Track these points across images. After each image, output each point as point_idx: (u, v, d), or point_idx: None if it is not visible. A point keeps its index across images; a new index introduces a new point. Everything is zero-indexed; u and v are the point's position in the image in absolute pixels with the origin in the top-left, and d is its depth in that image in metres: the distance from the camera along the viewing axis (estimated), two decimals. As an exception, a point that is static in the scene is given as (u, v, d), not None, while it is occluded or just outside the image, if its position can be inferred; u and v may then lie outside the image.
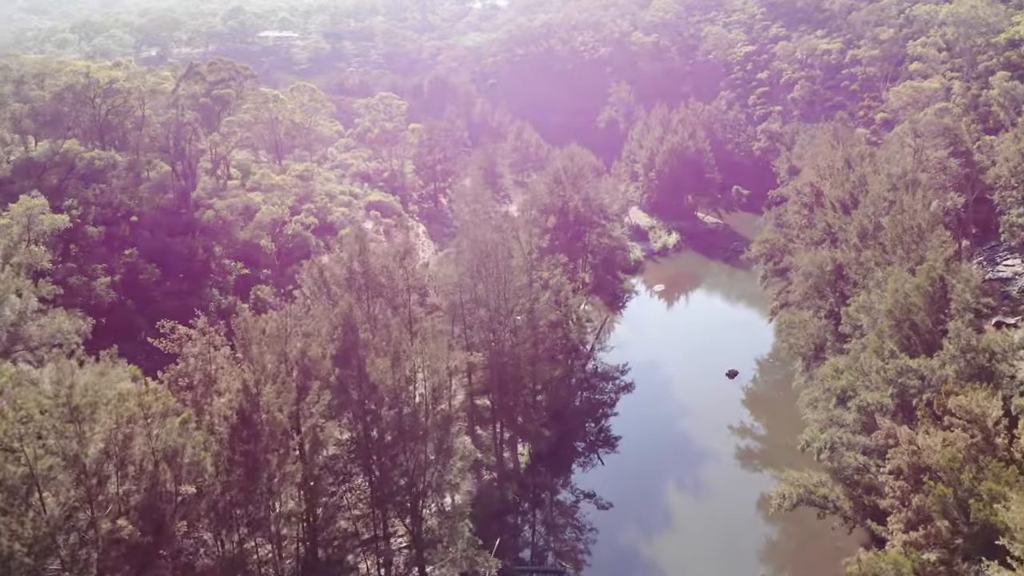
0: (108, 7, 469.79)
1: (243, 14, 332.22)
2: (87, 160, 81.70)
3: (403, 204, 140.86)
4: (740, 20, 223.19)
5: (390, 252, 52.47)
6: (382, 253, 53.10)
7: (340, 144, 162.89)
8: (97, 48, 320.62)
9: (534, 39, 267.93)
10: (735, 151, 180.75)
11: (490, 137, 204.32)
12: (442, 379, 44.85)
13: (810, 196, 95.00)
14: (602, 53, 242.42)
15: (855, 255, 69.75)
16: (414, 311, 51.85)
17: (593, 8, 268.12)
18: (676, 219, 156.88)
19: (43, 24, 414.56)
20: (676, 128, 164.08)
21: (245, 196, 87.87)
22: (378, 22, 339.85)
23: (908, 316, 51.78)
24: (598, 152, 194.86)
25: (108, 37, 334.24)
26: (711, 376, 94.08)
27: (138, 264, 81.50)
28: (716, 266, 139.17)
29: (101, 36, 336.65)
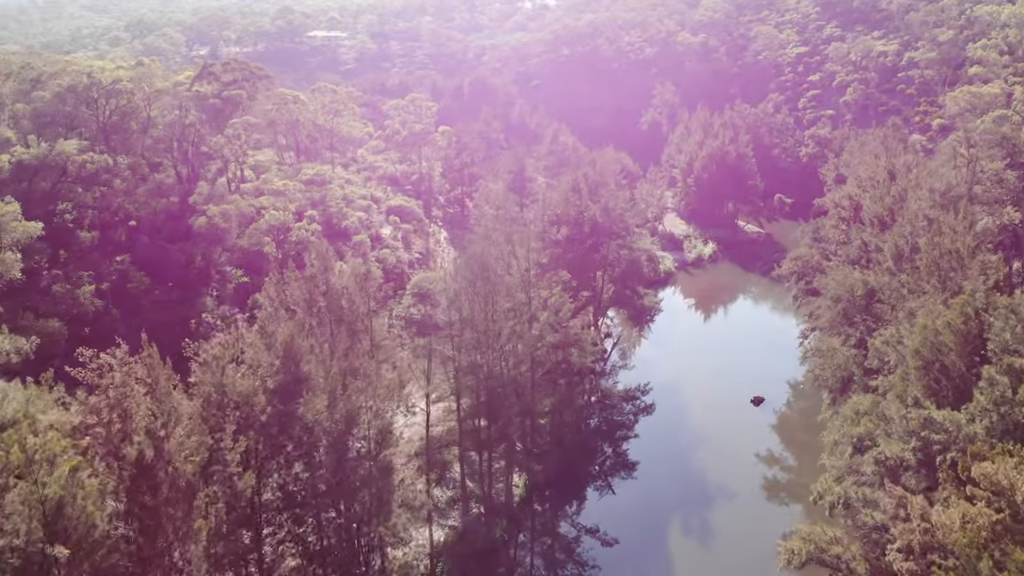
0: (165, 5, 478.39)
1: (292, 13, 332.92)
2: (79, 163, 79.03)
3: (426, 209, 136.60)
4: (793, 20, 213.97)
5: (352, 273, 47.69)
6: (349, 272, 48.30)
7: (370, 146, 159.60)
8: (148, 46, 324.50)
9: (580, 39, 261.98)
10: (782, 156, 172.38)
11: (527, 139, 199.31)
12: (386, 423, 39.93)
13: (848, 210, 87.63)
14: (647, 53, 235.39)
15: (889, 279, 62.75)
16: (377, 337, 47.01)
17: (640, 7, 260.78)
18: (715, 227, 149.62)
19: (101, 22, 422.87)
20: (717, 132, 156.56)
21: (242, 201, 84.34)
22: (425, 22, 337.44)
23: (938, 357, 45.11)
24: (639, 156, 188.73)
25: (160, 36, 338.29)
26: (737, 401, 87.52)
27: (129, 271, 78.44)
28: (753, 279, 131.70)
29: (153, 35, 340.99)
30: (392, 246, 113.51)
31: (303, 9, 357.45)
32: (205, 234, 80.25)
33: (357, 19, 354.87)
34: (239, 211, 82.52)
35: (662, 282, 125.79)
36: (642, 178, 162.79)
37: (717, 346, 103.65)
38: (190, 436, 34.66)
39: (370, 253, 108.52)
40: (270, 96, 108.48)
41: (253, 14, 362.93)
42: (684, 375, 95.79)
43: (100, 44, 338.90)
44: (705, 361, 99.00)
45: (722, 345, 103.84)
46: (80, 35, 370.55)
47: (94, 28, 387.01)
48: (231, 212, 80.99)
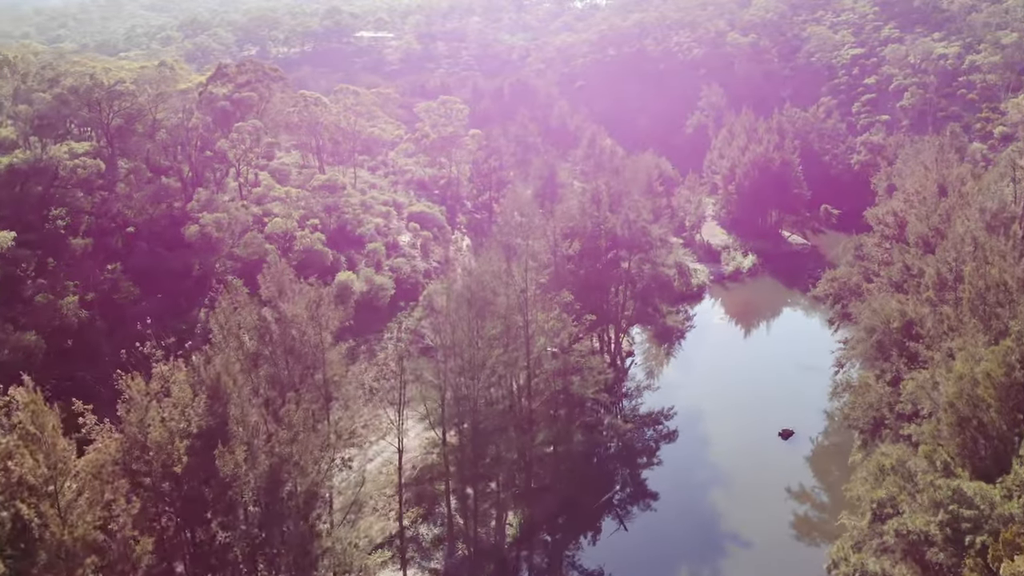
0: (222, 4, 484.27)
1: (339, 14, 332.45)
2: (70, 168, 76.18)
3: (451, 215, 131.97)
4: (849, 20, 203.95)
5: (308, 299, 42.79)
6: (311, 297, 43.28)
7: (401, 149, 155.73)
8: (198, 46, 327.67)
9: (626, 39, 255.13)
10: (832, 164, 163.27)
11: (566, 142, 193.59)
12: (314, 479, 34.95)
13: (893, 227, 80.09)
14: (696, 54, 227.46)
15: (929, 311, 55.65)
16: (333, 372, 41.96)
17: (690, 7, 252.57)
18: (756, 238, 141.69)
19: (156, 21, 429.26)
20: (761, 137, 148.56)
21: (238, 210, 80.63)
22: (472, 23, 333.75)
23: (975, 413, 38.46)
24: (683, 160, 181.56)
25: (211, 36, 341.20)
26: (766, 431, 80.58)
27: (119, 281, 75.25)
28: (794, 295, 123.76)
29: (204, 34, 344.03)
30: (409, 254, 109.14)
31: (351, 10, 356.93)
32: (196, 244, 76.56)
33: (405, 20, 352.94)
34: (231, 219, 78.66)
35: (694, 297, 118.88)
36: (681, 184, 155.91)
37: (749, 368, 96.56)
38: (81, 494, 30.32)
39: (385, 261, 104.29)
40: (285, 98, 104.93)
41: (303, 15, 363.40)
42: (712, 399, 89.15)
43: (152, 43, 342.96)
44: (735, 385, 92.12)
45: (755, 367, 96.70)
46: (135, 34, 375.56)
47: (148, 27, 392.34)
48: (224, 221, 77.21)
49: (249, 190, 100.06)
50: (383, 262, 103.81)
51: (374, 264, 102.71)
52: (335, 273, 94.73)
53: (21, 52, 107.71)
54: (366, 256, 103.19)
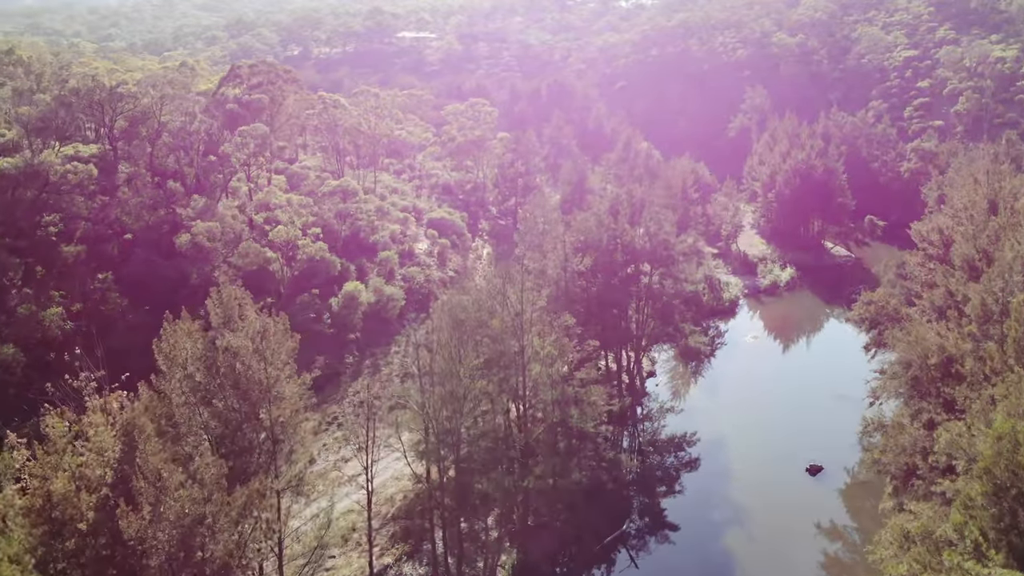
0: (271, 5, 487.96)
1: (381, 14, 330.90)
2: (60, 173, 73.48)
3: (474, 221, 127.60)
4: (903, 21, 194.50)
5: (252, 329, 38.39)
6: (255, 328, 38.74)
7: (429, 152, 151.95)
8: (242, 46, 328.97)
9: (670, 39, 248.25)
10: (881, 171, 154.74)
11: (602, 145, 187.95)
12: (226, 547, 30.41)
13: (938, 245, 73.24)
14: (740, 55, 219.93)
15: (971, 347, 49.33)
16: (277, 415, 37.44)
17: (736, 6, 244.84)
18: (796, 249, 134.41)
19: (205, 21, 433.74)
20: (804, 143, 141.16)
21: (233, 218, 77.19)
22: (513, 23, 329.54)
23: (1015, 483, 32.62)
24: (724, 165, 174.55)
25: (255, 36, 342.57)
26: (792, 467, 74.31)
27: (110, 290, 72.25)
28: (834, 312, 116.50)
29: (248, 34, 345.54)
30: (424, 263, 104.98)
31: (393, 10, 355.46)
32: (188, 253, 73.21)
33: (447, 20, 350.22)
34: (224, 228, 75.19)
35: (726, 312, 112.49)
36: (718, 191, 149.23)
37: (779, 393, 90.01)
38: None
39: (398, 270, 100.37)
40: (300, 100, 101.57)
41: (346, 15, 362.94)
42: (737, 426, 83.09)
43: (198, 43, 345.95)
44: (763, 410, 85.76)
45: (786, 392, 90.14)
46: (182, 33, 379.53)
47: (196, 27, 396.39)
48: (216, 230, 73.74)
49: (250, 197, 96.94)
50: (396, 271, 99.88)
51: (386, 273, 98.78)
52: (344, 282, 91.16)
53: (36, 52, 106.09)
54: (378, 265, 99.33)
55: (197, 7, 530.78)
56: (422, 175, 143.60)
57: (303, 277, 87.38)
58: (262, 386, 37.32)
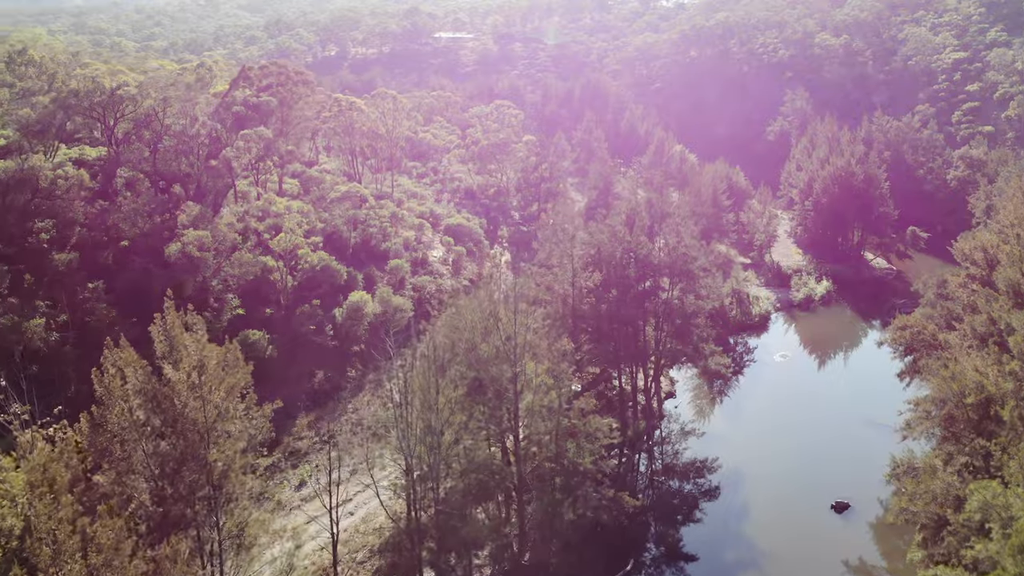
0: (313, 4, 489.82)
1: (418, 15, 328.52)
2: (50, 178, 70.99)
3: (494, 227, 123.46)
4: (952, 22, 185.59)
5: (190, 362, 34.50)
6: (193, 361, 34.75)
7: (453, 155, 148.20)
8: (280, 46, 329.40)
9: (709, 40, 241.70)
10: (926, 178, 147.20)
11: (635, 148, 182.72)
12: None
13: (982, 265, 67.16)
14: (781, 56, 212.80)
15: (1013, 387, 43.75)
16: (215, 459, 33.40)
17: (779, 6, 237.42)
18: (834, 260, 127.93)
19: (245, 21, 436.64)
20: (844, 149, 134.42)
21: (225, 226, 73.96)
22: (549, 24, 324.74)
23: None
24: (762, 169, 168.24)
25: (293, 36, 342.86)
26: (817, 502, 68.83)
27: (96, 301, 69.46)
28: (872, 330, 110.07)
29: (286, 34, 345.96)
30: (437, 272, 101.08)
31: (430, 10, 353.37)
32: (179, 263, 70.14)
33: (484, 20, 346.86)
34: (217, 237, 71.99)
35: (756, 328, 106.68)
36: (752, 197, 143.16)
37: (808, 417, 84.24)
38: None
39: (409, 279, 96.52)
40: (312, 103, 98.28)
41: (384, 15, 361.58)
42: (761, 453, 77.71)
43: (237, 43, 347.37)
44: (789, 436, 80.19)
45: (814, 416, 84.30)
46: (223, 34, 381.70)
47: (236, 27, 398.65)
48: (206, 240, 70.56)
49: (249, 204, 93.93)
50: (407, 280, 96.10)
51: (396, 282, 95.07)
52: (350, 292, 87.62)
53: (51, 51, 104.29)
54: (389, 273, 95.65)
55: (241, 7, 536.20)
56: (445, 179, 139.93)
57: (306, 286, 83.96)
58: (198, 426, 33.62)
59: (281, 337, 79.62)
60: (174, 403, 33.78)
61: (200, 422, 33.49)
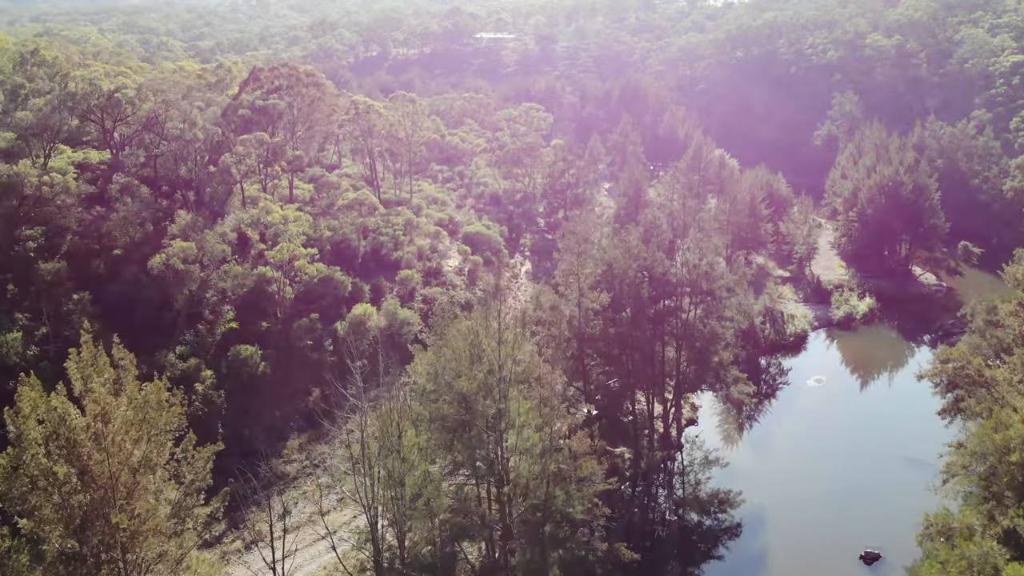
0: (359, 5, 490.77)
1: (460, 15, 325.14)
2: (35, 185, 68.14)
3: (516, 234, 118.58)
4: (1011, 23, 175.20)
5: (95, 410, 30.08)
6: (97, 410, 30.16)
7: (482, 159, 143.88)
8: (321, 46, 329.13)
9: (756, 40, 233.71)
10: (981, 189, 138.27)
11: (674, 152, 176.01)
12: None
13: (1036, 291, 60.25)
14: (831, 57, 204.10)
15: (1066, 444, 37.51)
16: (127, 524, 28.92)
17: (829, 5, 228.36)
18: (880, 275, 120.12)
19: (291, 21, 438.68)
20: (892, 157, 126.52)
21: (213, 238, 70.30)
22: (593, 24, 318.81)
23: None
24: (808, 176, 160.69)
25: (335, 36, 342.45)
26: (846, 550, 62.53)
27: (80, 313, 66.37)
28: (918, 352, 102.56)
29: (328, 35, 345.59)
30: (451, 283, 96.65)
31: (472, 10, 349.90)
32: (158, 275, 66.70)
33: (527, 20, 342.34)
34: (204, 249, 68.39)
35: (791, 348, 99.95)
36: (794, 206, 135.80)
37: (840, 451, 77.50)
38: None
39: (420, 291, 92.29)
40: (323, 105, 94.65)
41: (427, 15, 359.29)
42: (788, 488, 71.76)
43: (280, 43, 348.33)
44: (819, 472, 73.68)
45: (848, 450, 77.53)
46: (268, 34, 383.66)
47: (281, 27, 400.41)
48: (190, 252, 66.97)
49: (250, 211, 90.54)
50: (418, 291, 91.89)
51: (406, 294, 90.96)
52: (355, 304, 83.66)
53: (65, 52, 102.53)
54: (399, 284, 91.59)
55: (291, 7, 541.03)
56: (470, 184, 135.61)
57: (307, 299, 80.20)
58: (102, 481, 29.52)
59: (277, 352, 76.00)
60: (79, 454, 29.81)
61: (104, 477, 29.38)
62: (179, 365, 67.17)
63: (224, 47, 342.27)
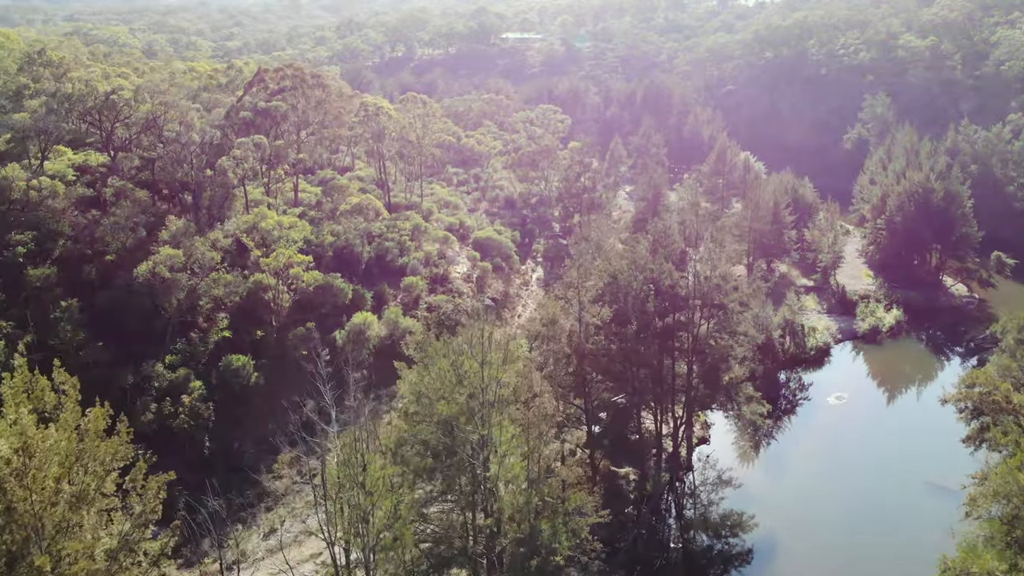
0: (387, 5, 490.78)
1: (485, 15, 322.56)
2: (22, 189, 66.48)
3: (529, 240, 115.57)
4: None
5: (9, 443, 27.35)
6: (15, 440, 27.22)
7: (498, 162, 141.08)
8: (347, 46, 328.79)
9: (785, 40, 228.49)
10: (1017, 196, 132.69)
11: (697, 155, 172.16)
12: None
13: (1071, 311, 55.98)
14: (862, 58, 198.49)
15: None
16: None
17: (862, 4, 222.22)
18: (908, 285, 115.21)
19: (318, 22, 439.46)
20: (922, 162, 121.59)
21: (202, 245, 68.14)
22: (620, 24, 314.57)
23: None
24: (838, 180, 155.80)
25: (361, 36, 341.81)
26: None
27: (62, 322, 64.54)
28: (951, 367, 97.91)
29: (354, 35, 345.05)
30: (457, 290, 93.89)
31: (498, 10, 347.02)
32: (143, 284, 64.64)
33: (554, 20, 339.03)
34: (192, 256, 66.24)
35: (812, 362, 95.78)
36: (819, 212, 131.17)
37: (859, 474, 73.31)
38: None
39: (424, 298, 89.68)
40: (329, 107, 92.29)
41: (454, 15, 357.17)
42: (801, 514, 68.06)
43: (306, 43, 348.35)
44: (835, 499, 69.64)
45: (866, 472, 73.32)
46: (296, 34, 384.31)
47: (309, 27, 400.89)
48: (177, 260, 64.83)
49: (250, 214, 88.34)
50: (422, 299, 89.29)
51: (411, 301, 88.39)
52: (356, 312, 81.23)
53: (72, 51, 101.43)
54: (403, 291, 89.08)
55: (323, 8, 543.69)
56: (485, 187, 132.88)
57: (305, 307, 77.96)
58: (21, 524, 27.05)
59: (272, 362, 73.75)
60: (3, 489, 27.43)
61: (27, 516, 26.92)
62: (167, 376, 65.20)
63: (251, 47, 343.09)
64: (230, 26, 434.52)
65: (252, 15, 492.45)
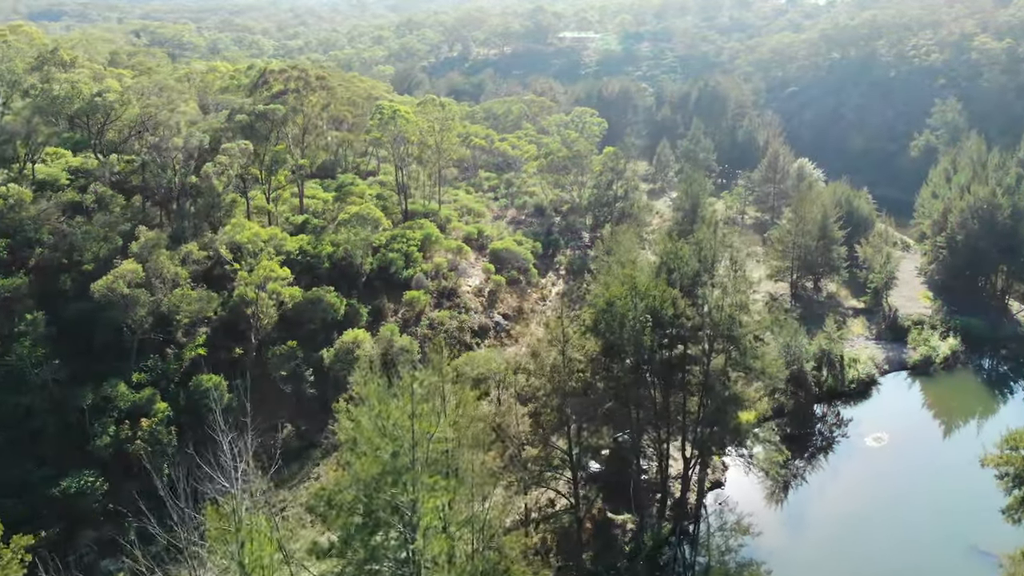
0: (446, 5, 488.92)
1: (542, 14, 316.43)
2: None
3: (555, 250, 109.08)
4: None
5: None
6: None
7: (531, 167, 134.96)
8: (404, 46, 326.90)
9: (853, 40, 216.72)
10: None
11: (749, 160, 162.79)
12: None
13: None
14: (934, 59, 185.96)
15: None
16: None
17: (936, 4, 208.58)
18: (970, 310, 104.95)
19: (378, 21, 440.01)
20: (988, 175, 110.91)
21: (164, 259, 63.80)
22: (681, 23, 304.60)
23: None
24: (904, 189, 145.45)
25: (418, 36, 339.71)
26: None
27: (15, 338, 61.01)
28: (1012, 405, 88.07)
29: (412, 35, 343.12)
30: (466, 305, 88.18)
31: (557, 9, 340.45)
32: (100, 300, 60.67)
33: (613, 19, 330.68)
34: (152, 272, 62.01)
35: (853, 396, 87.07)
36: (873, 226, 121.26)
37: (893, 532, 64.96)
38: None
39: (428, 314, 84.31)
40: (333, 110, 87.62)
41: (513, 14, 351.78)
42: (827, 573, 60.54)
43: (365, 42, 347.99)
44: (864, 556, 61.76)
45: (902, 532, 64.76)
46: (357, 33, 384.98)
47: (368, 27, 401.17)
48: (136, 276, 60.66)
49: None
50: (426, 314, 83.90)
51: (413, 317, 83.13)
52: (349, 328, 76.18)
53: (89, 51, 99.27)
54: (405, 306, 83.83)
55: (387, 7, 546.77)
56: (514, 193, 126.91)
57: (290, 323, 73.30)
58: None
59: (250, 383, 69.23)
60: None
61: None
62: (130, 397, 61.16)
63: (312, 45, 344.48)
64: (295, 25, 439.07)
65: (318, 14, 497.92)
